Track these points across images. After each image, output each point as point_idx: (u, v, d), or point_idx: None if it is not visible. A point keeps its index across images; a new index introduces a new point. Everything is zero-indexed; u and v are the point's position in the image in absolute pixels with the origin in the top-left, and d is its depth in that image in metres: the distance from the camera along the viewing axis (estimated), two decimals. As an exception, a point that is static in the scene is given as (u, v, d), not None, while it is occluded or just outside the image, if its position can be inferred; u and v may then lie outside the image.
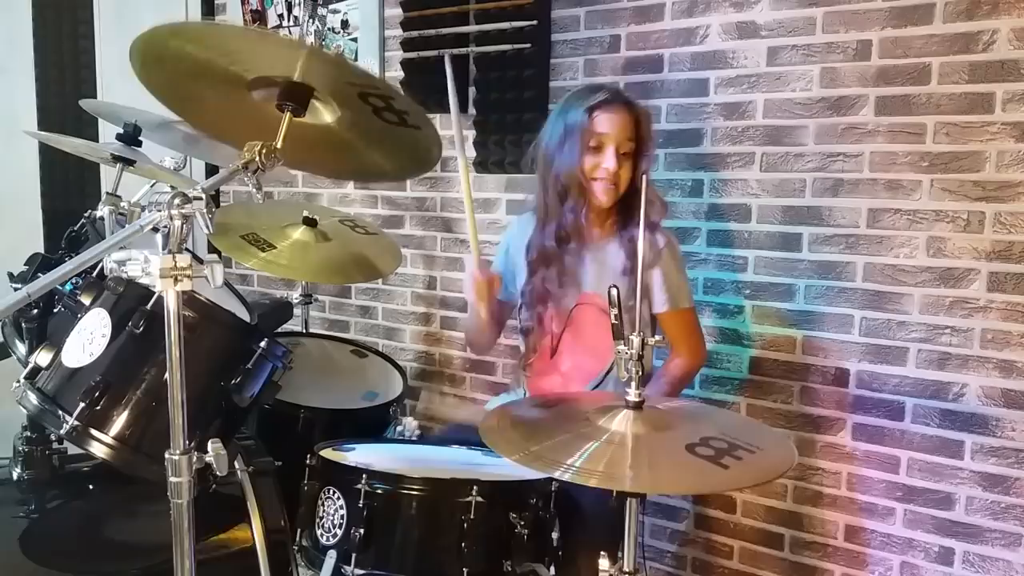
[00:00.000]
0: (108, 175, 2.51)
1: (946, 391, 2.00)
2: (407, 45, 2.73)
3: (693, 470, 1.20)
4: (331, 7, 2.96)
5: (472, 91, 2.65)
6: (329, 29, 2.98)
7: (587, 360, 1.96)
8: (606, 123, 1.86)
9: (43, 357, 1.42)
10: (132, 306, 1.39)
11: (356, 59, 2.90)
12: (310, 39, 3.02)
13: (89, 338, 1.40)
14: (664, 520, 2.44)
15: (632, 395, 1.30)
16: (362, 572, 1.49)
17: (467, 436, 1.78)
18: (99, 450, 1.38)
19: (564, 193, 1.91)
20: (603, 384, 1.95)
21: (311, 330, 2.75)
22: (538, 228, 1.98)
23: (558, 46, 2.49)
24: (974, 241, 1.94)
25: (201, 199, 1.16)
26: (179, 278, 1.15)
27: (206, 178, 2.07)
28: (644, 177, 1.49)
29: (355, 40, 2.92)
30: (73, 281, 1.59)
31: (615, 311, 1.32)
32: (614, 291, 1.32)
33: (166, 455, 1.20)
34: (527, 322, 2.01)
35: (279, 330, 2.54)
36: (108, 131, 2.32)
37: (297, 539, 1.63)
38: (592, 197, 1.90)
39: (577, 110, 1.88)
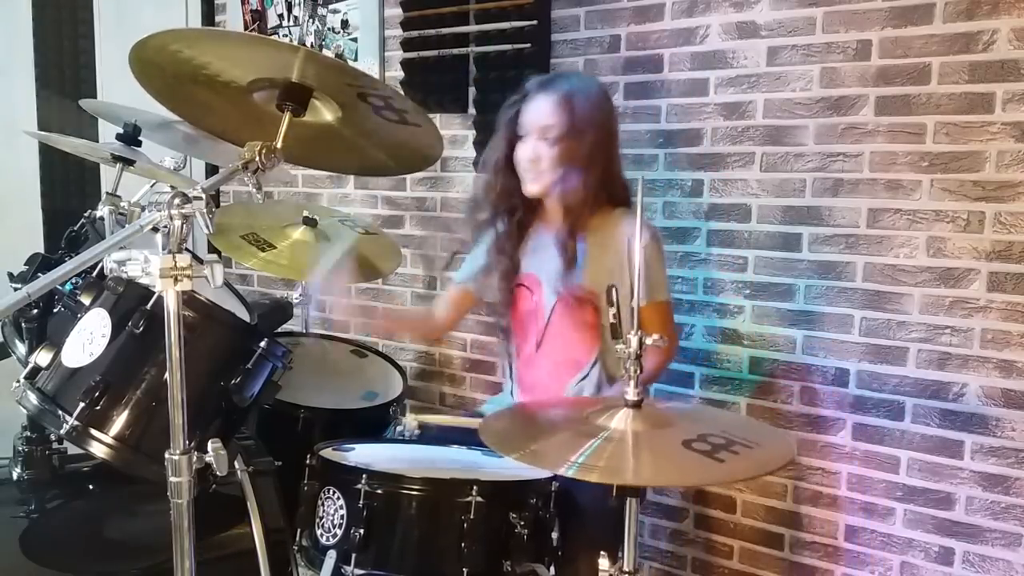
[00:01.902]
0: (108, 175, 2.51)
1: (946, 391, 2.00)
2: (407, 45, 2.73)
3: (687, 464, 1.20)
4: (331, 7, 2.96)
5: (472, 91, 2.65)
6: (329, 29, 2.98)
7: (570, 352, 1.94)
8: (525, 115, 1.89)
9: (43, 357, 1.42)
10: (132, 306, 1.39)
11: (356, 59, 2.90)
12: (310, 39, 3.02)
13: (89, 338, 1.40)
14: (664, 520, 2.44)
15: (631, 394, 1.30)
16: (362, 572, 1.48)
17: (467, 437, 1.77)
18: (99, 450, 1.38)
19: (491, 188, 1.96)
20: (587, 377, 1.94)
21: (311, 330, 2.75)
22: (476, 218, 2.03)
23: (558, 46, 2.49)
24: (974, 241, 1.94)
25: (201, 199, 1.16)
26: (179, 278, 1.15)
27: (206, 178, 2.07)
28: (641, 178, 1.48)
29: (355, 40, 2.92)
30: (73, 281, 1.59)
31: (613, 310, 1.32)
32: (612, 290, 1.32)
33: (166, 455, 1.20)
34: (505, 325, 2.03)
35: (279, 330, 2.54)
36: (108, 131, 2.32)
37: (297, 539, 1.63)
38: (523, 184, 1.92)
39: (507, 112, 1.93)
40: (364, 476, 1.50)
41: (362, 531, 1.47)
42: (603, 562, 1.30)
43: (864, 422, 2.11)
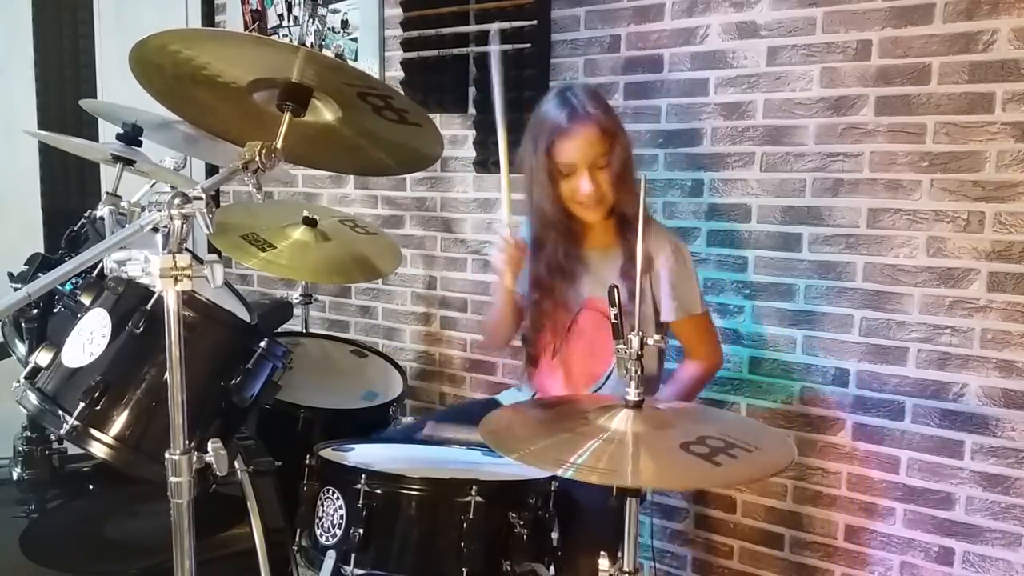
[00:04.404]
0: (108, 175, 2.51)
1: (946, 391, 2.00)
2: (407, 45, 2.73)
3: (685, 467, 1.20)
4: (331, 7, 2.96)
5: (472, 91, 2.65)
6: (329, 29, 2.98)
7: (589, 362, 1.96)
8: (570, 151, 1.82)
9: (43, 357, 1.42)
10: (132, 306, 1.39)
11: (356, 59, 2.90)
12: (310, 39, 3.02)
13: (89, 338, 1.40)
14: (664, 520, 2.44)
15: (632, 394, 1.30)
16: (361, 572, 1.48)
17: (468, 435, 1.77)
18: (99, 450, 1.38)
19: (549, 225, 1.91)
20: (604, 386, 1.95)
21: (311, 330, 2.75)
22: (533, 251, 1.95)
23: (558, 46, 2.49)
24: (974, 241, 1.94)
25: (201, 199, 1.16)
26: (179, 278, 1.15)
27: (206, 178, 2.07)
28: (643, 178, 1.49)
29: (355, 40, 2.92)
30: (73, 281, 1.59)
31: (615, 310, 1.32)
32: (615, 291, 1.32)
33: (166, 455, 1.20)
34: (526, 330, 2.02)
35: (279, 330, 2.54)
36: (108, 131, 2.32)
37: (297, 539, 1.63)
38: (580, 217, 1.90)
39: (540, 141, 1.84)
40: (364, 476, 1.50)
41: (362, 531, 1.47)
42: (603, 562, 1.30)
43: (864, 422, 2.11)
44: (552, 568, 1.55)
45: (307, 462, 1.62)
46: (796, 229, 2.16)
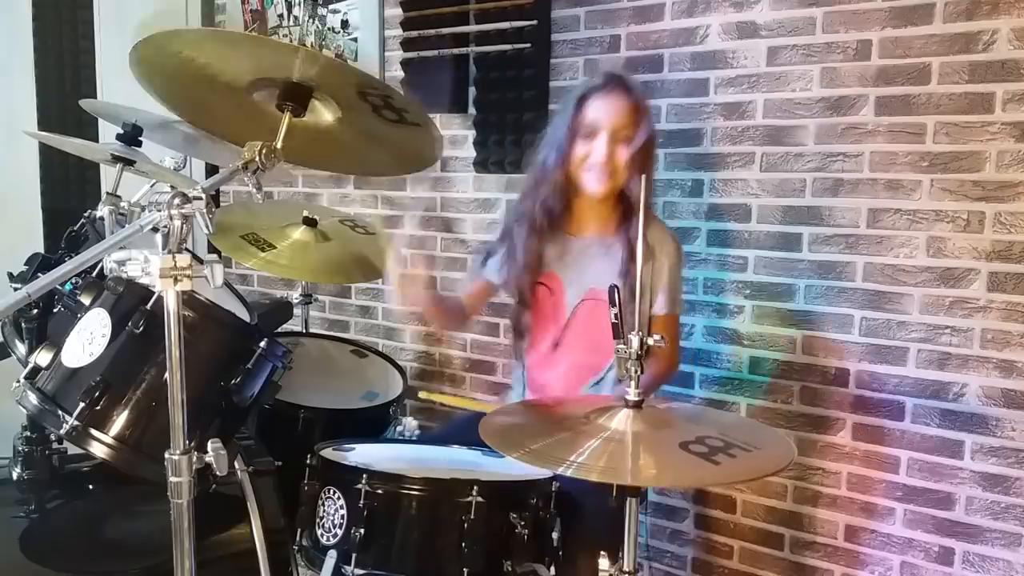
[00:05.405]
0: (108, 175, 2.51)
1: (946, 391, 2.00)
2: (407, 45, 2.73)
3: (681, 466, 1.21)
4: (331, 7, 2.96)
5: (472, 91, 2.65)
6: (329, 29, 2.98)
7: (589, 355, 1.94)
8: (599, 109, 1.83)
9: (43, 357, 1.42)
10: (132, 306, 1.39)
11: (356, 59, 2.90)
12: (310, 39, 3.02)
13: (89, 338, 1.40)
14: (664, 520, 2.44)
15: (631, 394, 1.30)
16: (362, 572, 1.48)
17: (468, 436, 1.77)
18: (99, 450, 1.38)
19: (543, 181, 1.90)
20: (603, 381, 1.95)
21: (311, 330, 2.75)
22: (515, 209, 1.99)
23: (558, 46, 2.49)
24: (974, 241, 1.94)
25: (201, 199, 1.16)
26: (179, 278, 1.15)
27: (206, 178, 2.07)
28: (645, 176, 1.48)
29: (355, 40, 2.92)
30: (73, 281, 1.59)
31: (615, 310, 1.32)
32: (615, 291, 1.32)
33: (166, 455, 1.20)
34: (520, 317, 2.01)
35: (279, 330, 2.54)
36: (108, 131, 2.32)
37: (297, 539, 1.63)
38: (584, 188, 1.87)
39: (573, 96, 1.88)
40: (365, 476, 1.50)
41: (363, 531, 1.47)
42: (603, 562, 1.31)
43: (864, 422, 2.11)
44: (553, 568, 1.55)
45: (308, 462, 1.62)
46: (796, 229, 2.16)
